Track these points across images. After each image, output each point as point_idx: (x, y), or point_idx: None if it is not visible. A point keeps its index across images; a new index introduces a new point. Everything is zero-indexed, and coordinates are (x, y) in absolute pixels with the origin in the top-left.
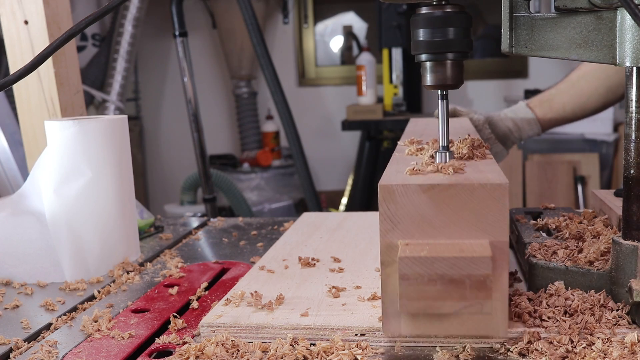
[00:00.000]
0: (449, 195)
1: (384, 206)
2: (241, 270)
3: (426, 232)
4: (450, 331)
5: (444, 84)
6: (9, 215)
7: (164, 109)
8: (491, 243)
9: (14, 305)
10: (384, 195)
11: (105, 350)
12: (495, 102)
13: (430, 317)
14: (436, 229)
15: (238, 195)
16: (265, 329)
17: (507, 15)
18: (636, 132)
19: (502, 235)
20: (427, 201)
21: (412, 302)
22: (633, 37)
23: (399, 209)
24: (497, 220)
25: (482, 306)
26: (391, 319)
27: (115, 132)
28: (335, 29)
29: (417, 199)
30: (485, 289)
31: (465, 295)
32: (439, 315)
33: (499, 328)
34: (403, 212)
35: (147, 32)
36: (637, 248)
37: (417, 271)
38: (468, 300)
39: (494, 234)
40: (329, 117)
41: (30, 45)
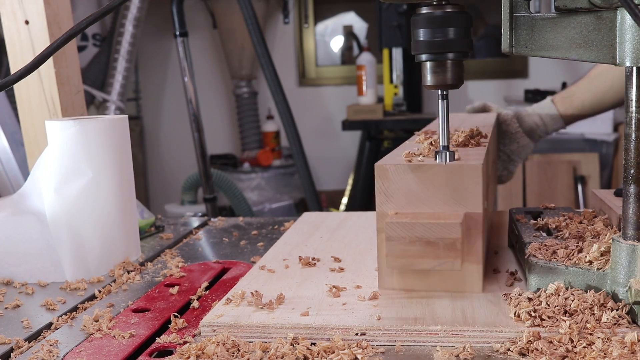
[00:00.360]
0: (432, 174)
1: (379, 182)
2: (242, 269)
3: (413, 204)
4: (432, 286)
5: (444, 84)
6: (10, 214)
7: (165, 109)
8: (467, 214)
9: (15, 304)
10: (379, 173)
11: (105, 349)
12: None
13: (415, 274)
14: (422, 201)
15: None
16: (265, 329)
17: (507, 15)
18: (636, 132)
19: (476, 208)
20: (414, 179)
21: (396, 259)
22: (633, 37)
23: (391, 184)
24: (472, 195)
25: (453, 264)
26: (384, 276)
27: (115, 132)
28: (335, 29)
29: (406, 177)
30: (455, 250)
31: (439, 255)
32: (423, 272)
33: (473, 286)
34: (395, 188)
35: (147, 32)
36: (636, 248)
37: (400, 234)
38: (441, 259)
39: (469, 207)
40: (330, 117)
41: (31, 45)
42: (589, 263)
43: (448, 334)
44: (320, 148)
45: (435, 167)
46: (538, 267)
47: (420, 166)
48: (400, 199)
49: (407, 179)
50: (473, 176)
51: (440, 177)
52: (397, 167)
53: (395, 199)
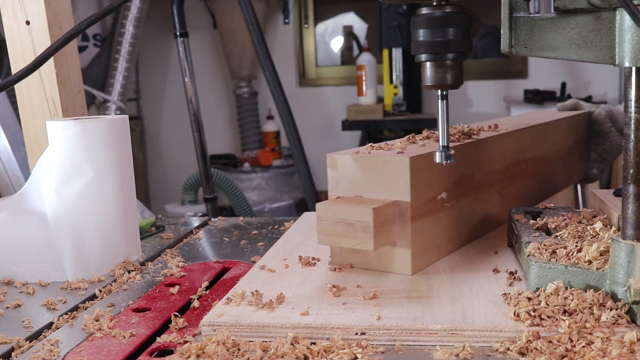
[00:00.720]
0: (370, 165)
1: (330, 171)
2: (242, 269)
3: (356, 191)
4: (369, 264)
5: (444, 84)
6: (11, 214)
7: (165, 109)
8: (397, 202)
9: (16, 304)
10: (330, 162)
11: (106, 349)
12: (495, 102)
13: (356, 253)
14: (363, 189)
15: (239, 195)
16: (265, 328)
17: (507, 15)
18: (635, 132)
19: (405, 197)
20: (357, 168)
21: (324, 236)
22: (632, 38)
23: (339, 173)
24: (402, 186)
25: (367, 245)
26: (335, 254)
27: (116, 132)
28: (335, 29)
29: (350, 166)
30: (369, 232)
31: (356, 236)
32: (362, 252)
33: (404, 268)
34: (341, 176)
35: (148, 32)
36: (635, 247)
37: (327, 215)
38: (359, 239)
39: (399, 195)
40: (330, 117)
41: (31, 46)
42: (588, 263)
43: (448, 333)
44: (320, 148)
45: (373, 158)
46: (537, 266)
47: (361, 157)
48: (346, 187)
49: (352, 169)
50: (401, 168)
51: (376, 168)
52: (343, 158)
53: (342, 186)
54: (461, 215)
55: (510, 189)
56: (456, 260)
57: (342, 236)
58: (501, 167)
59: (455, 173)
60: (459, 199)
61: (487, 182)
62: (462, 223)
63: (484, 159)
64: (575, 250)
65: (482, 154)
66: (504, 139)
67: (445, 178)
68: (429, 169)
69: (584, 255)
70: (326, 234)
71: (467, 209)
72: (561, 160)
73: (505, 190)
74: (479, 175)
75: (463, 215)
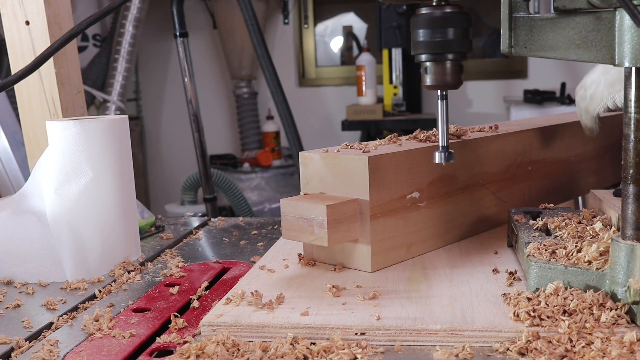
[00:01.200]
0: (335, 163)
1: (302, 168)
2: (241, 269)
3: (325, 187)
4: (335, 260)
5: (444, 84)
6: (11, 215)
7: (165, 109)
8: (357, 199)
9: (15, 304)
10: (302, 160)
11: (106, 349)
12: (495, 102)
13: (325, 250)
14: (328, 186)
15: (238, 195)
16: (265, 328)
17: (507, 15)
18: (635, 132)
19: (364, 195)
20: (324, 166)
21: (287, 231)
22: (632, 38)
23: (310, 170)
24: (361, 184)
25: (322, 240)
26: (307, 248)
27: (116, 132)
28: (335, 30)
29: (318, 164)
30: (323, 228)
31: (313, 231)
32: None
33: (365, 264)
34: (312, 174)
35: (147, 32)
36: (635, 248)
37: (290, 210)
38: (315, 235)
39: (359, 194)
40: (329, 117)
41: (31, 46)
42: (588, 263)
43: (447, 333)
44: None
45: (337, 157)
46: (537, 267)
47: (328, 155)
48: (315, 184)
49: (319, 167)
50: (361, 167)
51: (340, 166)
52: (313, 156)
53: (312, 183)
54: (442, 215)
55: (511, 190)
56: (456, 260)
57: (302, 231)
58: (498, 169)
59: (433, 173)
60: (439, 199)
61: (477, 183)
62: (443, 222)
63: (474, 160)
64: (575, 250)
65: (470, 155)
66: (502, 140)
67: (418, 178)
68: (396, 169)
69: (584, 255)
70: (289, 228)
71: (450, 209)
72: (586, 162)
73: (504, 191)
74: (466, 177)
75: (444, 214)
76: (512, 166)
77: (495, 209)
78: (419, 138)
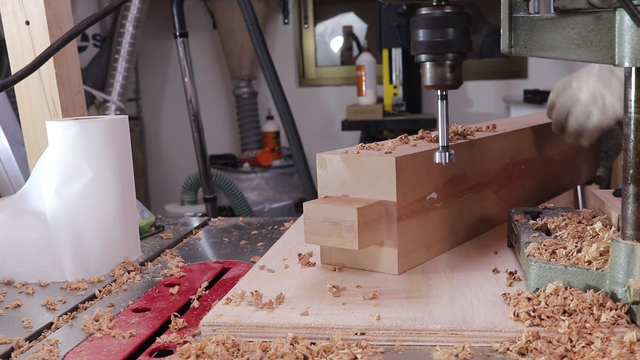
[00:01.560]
0: (357, 165)
1: (320, 171)
2: (241, 269)
3: (344, 190)
4: (358, 264)
5: (444, 84)
6: (11, 215)
7: (165, 109)
8: (384, 201)
9: (15, 304)
10: (319, 162)
11: (106, 349)
12: (495, 102)
13: (345, 252)
14: (350, 188)
15: (238, 195)
16: (265, 328)
17: (507, 15)
18: (635, 132)
19: (391, 197)
20: (345, 168)
21: (311, 235)
22: (632, 38)
23: (328, 172)
24: (388, 186)
25: (352, 244)
26: (324, 253)
27: (116, 132)
28: (335, 30)
29: (338, 166)
30: (353, 231)
31: (342, 235)
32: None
33: (390, 267)
34: (330, 176)
35: (147, 32)
36: (635, 248)
37: (314, 214)
38: (344, 239)
39: (386, 195)
40: (329, 117)
41: (31, 46)
42: (588, 263)
43: (447, 333)
44: (320, 148)
45: (360, 158)
46: (537, 267)
47: (349, 157)
48: (334, 186)
49: (340, 169)
50: (387, 168)
51: (363, 168)
52: (332, 158)
53: (331, 185)
54: (454, 215)
55: (508, 189)
56: (456, 260)
57: (328, 235)
58: (498, 168)
59: (447, 173)
60: (451, 199)
61: (483, 182)
62: (455, 223)
63: (479, 160)
64: (575, 250)
65: (476, 154)
66: (501, 139)
67: (435, 178)
68: (417, 169)
69: (584, 255)
70: (313, 232)
71: (460, 209)
72: (565, 161)
73: (503, 190)
74: (474, 176)
75: (456, 215)
76: (509, 165)
77: (496, 207)
78: (429, 138)
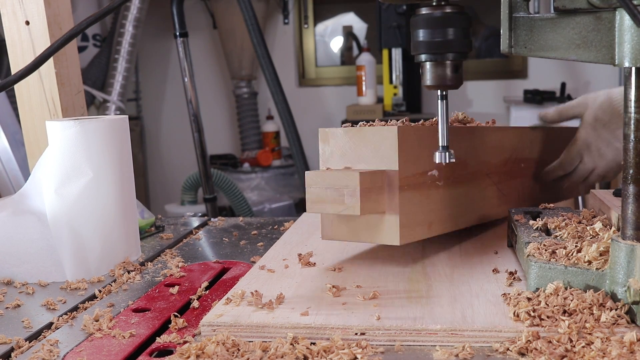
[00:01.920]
0: (360, 136)
1: (322, 145)
2: (241, 269)
3: (346, 162)
4: (359, 236)
5: (444, 84)
6: (11, 215)
7: (165, 109)
8: (386, 171)
9: (15, 304)
10: (322, 136)
11: (106, 349)
12: (495, 102)
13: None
14: (352, 160)
15: (238, 195)
16: (265, 328)
17: (507, 15)
18: (635, 132)
19: (393, 165)
20: (347, 140)
21: (313, 204)
22: (632, 38)
23: (331, 146)
24: (389, 155)
25: (354, 209)
26: (325, 228)
27: (116, 132)
28: (335, 30)
29: (341, 139)
30: (355, 196)
31: (343, 201)
32: (352, 224)
33: (392, 237)
34: (333, 148)
35: (147, 32)
36: (635, 248)
37: (316, 181)
38: (346, 205)
39: (387, 164)
40: (329, 117)
41: (31, 46)
42: (588, 263)
43: (447, 333)
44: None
45: (362, 130)
46: (537, 267)
47: (351, 129)
48: (336, 159)
49: (342, 141)
50: (390, 137)
51: (366, 139)
52: (334, 131)
53: (333, 158)
54: (454, 198)
55: (508, 184)
56: (456, 260)
57: (330, 202)
58: (498, 160)
59: None
60: (452, 182)
61: (483, 171)
62: (456, 206)
63: (479, 147)
64: (575, 250)
65: (477, 141)
66: (500, 132)
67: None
68: (419, 143)
69: (584, 255)
70: (315, 201)
71: (461, 193)
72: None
73: (503, 184)
74: (474, 163)
75: (456, 198)
76: (509, 160)
77: (497, 200)
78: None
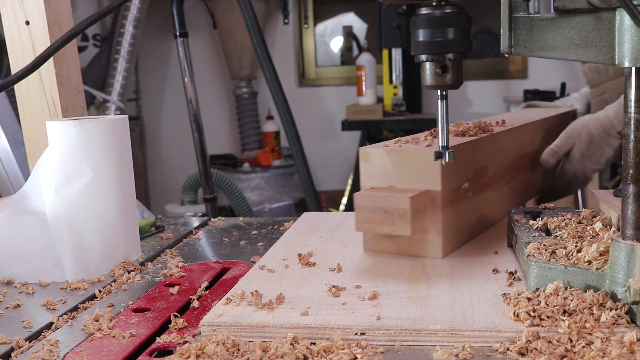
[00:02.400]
0: (402, 157)
1: (363, 164)
2: (241, 269)
3: (389, 182)
4: (402, 250)
5: (444, 84)
6: (11, 215)
7: (165, 109)
8: (428, 191)
9: (15, 304)
10: (363, 156)
11: (106, 349)
12: (495, 102)
13: (389, 240)
14: (395, 180)
15: (238, 195)
16: (265, 328)
17: (507, 15)
18: (635, 132)
19: (436, 186)
20: (389, 160)
21: (362, 223)
22: (632, 38)
23: (372, 165)
24: (432, 176)
25: (404, 230)
26: (367, 241)
27: (116, 132)
28: (335, 30)
29: (382, 159)
30: (405, 218)
31: (394, 222)
32: (395, 238)
33: (435, 252)
34: (374, 168)
35: (147, 32)
36: (635, 248)
37: (365, 203)
38: (396, 226)
39: (430, 185)
40: (329, 117)
41: (31, 46)
42: (588, 263)
43: (447, 333)
44: (320, 148)
45: (405, 151)
46: (537, 267)
47: (393, 150)
48: (378, 178)
49: (384, 161)
50: (430, 160)
51: (408, 160)
52: (376, 151)
53: (375, 177)
54: (480, 203)
55: (516, 180)
56: (456, 260)
57: (379, 223)
58: (509, 160)
59: (475, 165)
60: (478, 189)
61: (499, 174)
62: (481, 210)
63: (497, 152)
64: (574, 250)
65: (495, 147)
66: (512, 133)
67: (466, 169)
68: (455, 161)
69: (584, 255)
70: (364, 221)
71: (484, 198)
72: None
73: (513, 181)
74: (493, 167)
75: (481, 203)
76: (517, 158)
77: (508, 197)
78: (456, 132)
